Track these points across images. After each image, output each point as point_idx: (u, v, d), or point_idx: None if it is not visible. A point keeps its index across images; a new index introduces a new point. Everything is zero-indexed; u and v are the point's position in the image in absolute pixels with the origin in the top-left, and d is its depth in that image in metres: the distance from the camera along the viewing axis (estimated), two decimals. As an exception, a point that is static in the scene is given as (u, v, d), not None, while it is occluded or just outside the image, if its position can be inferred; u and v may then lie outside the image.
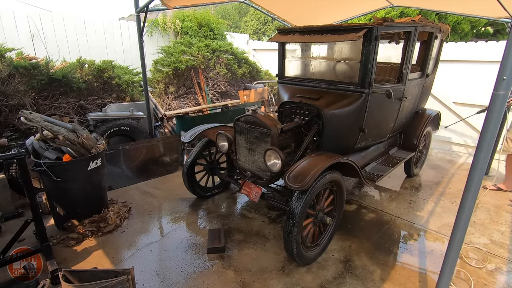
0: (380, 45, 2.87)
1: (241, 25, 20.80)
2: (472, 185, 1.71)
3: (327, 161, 2.49)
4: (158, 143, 4.59)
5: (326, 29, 3.01)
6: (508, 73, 1.50)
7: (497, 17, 4.39)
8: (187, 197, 3.86)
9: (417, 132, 4.01)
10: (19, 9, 5.22)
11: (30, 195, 2.41)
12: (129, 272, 2.00)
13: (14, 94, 4.16)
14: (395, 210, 3.61)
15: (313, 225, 2.65)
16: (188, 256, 2.78)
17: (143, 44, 4.63)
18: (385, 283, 2.49)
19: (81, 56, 5.03)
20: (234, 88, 7.19)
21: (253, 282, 2.48)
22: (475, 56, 5.31)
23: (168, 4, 4.14)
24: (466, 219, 1.78)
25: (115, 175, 4.10)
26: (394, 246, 2.98)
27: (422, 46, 3.80)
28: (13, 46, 4.59)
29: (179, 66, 6.23)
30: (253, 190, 2.91)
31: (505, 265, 2.71)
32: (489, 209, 3.68)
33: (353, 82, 3.06)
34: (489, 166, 4.69)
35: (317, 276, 2.56)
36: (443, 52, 4.25)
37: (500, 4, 2.28)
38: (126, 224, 3.28)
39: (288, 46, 3.70)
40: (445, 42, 4.55)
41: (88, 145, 3.06)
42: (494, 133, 1.61)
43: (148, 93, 5.07)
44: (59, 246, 2.89)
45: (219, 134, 3.24)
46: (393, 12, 9.24)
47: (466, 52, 5.42)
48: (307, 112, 3.15)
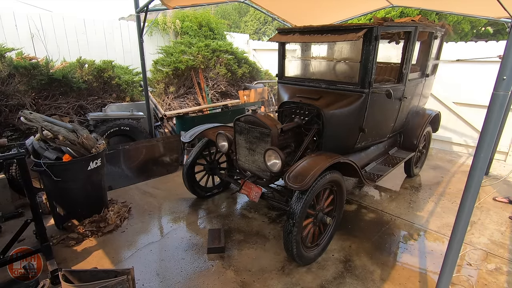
0: (380, 45, 2.87)
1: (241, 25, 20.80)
2: (472, 185, 1.70)
3: (327, 161, 2.49)
4: (158, 143, 4.59)
5: (326, 29, 3.01)
6: (508, 73, 1.50)
7: (497, 17, 4.38)
8: (187, 197, 3.86)
9: (417, 132, 4.01)
10: (19, 9, 5.22)
11: (30, 195, 2.41)
12: (129, 272, 2.00)
13: (14, 94, 4.16)
14: (395, 210, 3.61)
15: (313, 225, 2.65)
16: (188, 256, 2.78)
17: (143, 44, 4.63)
18: (385, 283, 2.49)
19: (81, 56, 5.03)
20: (234, 88, 7.18)
21: (253, 282, 2.48)
22: (475, 56, 5.31)
23: (168, 4, 4.14)
24: (466, 219, 1.78)
25: (115, 175, 4.10)
26: (394, 246, 2.98)
27: (422, 46, 3.80)
28: (13, 46, 4.59)
29: (179, 66, 6.23)
30: (253, 190, 2.91)
31: (505, 265, 2.71)
32: (489, 209, 3.68)
33: (353, 82, 3.06)
34: (489, 166, 4.69)
35: (317, 276, 2.56)
36: (443, 52, 4.26)
37: (500, 4, 2.29)
38: (126, 224, 3.28)
39: (288, 46, 3.70)
40: (445, 42, 4.55)
41: (88, 145, 3.06)
42: (494, 133, 1.61)
43: (148, 93, 5.07)
44: (59, 246, 2.89)
45: (219, 134, 3.24)
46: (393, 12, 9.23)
47: (466, 52, 5.42)
48: (307, 112, 3.15)
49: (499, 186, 4.24)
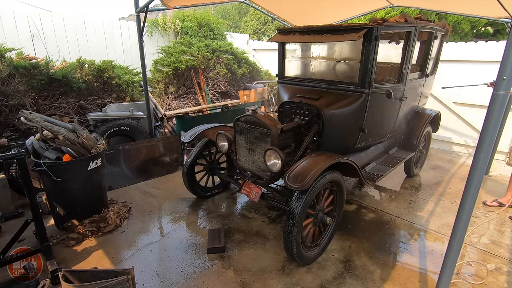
0: (380, 45, 2.87)
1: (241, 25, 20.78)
2: (472, 185, 1.71)
3: (327, 161, 2.49)
4: (158, 143, 4.59)
5: (326, 29, 3.01)
6: (508, 73, 1.50)
7: (497, 17, 4.39)
8: (187, 197, 3.86)
9: (417, 132, 4.01)
10: (19, 9, 5.23)
11: (30, 195, 2.41)
12: (129, 272, 2.00)
13: (14, 94, 4.16)
14: (395, 210, 3.61)
15: (313, 225, 2.65)
16: (188, 256, 2.78)
17: (143, 44, 4.63)
18: (385, 283, 2.49)
19: (81, 56, 5.03)
20: (234, 88, 7.19)
21: (253, 282, 2.48)
22: (475, 56, 5.31)
23: (168, 4, 4.14)
24: (466, 219, 1.78)
25: (115, 175, 4.10)
26: (394, 246, 2.98)
27: (422, 46, 3.80)
28: (13, 46, 4.59)
29: (179, 66, 6.23)
30: (253, 190, 2.91)
31: (505, 265, 2.71)
32: (489, 209, 3.68)
33: (353, 82, 3.05)
34: (489, 166, 4.69)
35: (317, 276, 2.56)
36: (443, 52, 4.25)
37: (500, 4, 2.29)
38: (126, 224, 3.28)
39: (288, 46, 3.70)
40: (445, 42, 4.55)
41: (88, 145, 3.06)
42: (494, 133, 1.61)
43: (148, 93, 5.07)
44: (59, 246, 2.89)
45: (219, 134, 3.24)
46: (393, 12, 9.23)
47: (466, 52, 5.42)
48: (307, 112, 3.15)
49: (486, 187, 4.24)
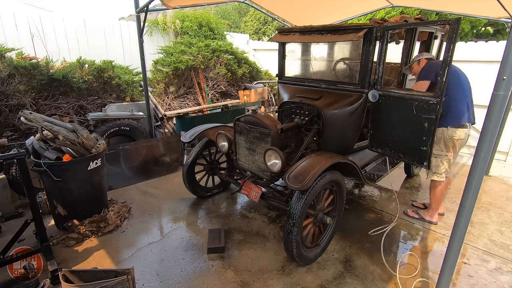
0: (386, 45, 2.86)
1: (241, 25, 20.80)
2: (472, 185, 1.71)
3: (327, 161, 2.49)
4: (158, 143, 4.60)
5: (326, 29, 3.01)
6: (508, 73, 1.50)
7: (497, 17, 4.39)
8: (187, 197, 3.86)
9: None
10: (19, 9, 5.22)
11: (30, 195, 2.41)
12: (129, 272, 2.00)
13: (14, 94, 4.16)
14: (395, 210, 3.61)
15: (313, 225, 2.65)
16: (188, 256, 2.78)
17: (143, 44, 4.63)
18: (385, 283, 2.49)
19: (81, 56, 5.03)
20: (234, 88, 7.19)
21: (253, 282, 2.48)
22: (475, 56, 5.31)
23: (168, 4, 4.14)
24: (466, 219, 1.78)
25: (115, 175, 4.10)
26: (394, 246, 2.98)
27: (422, 46, 3.80)
28: (13, 46, 4.59)
29: (179, 66, 6.23)
30: (253, 190, 2.91)
31: (505, 265, 2.71)
32: (489, 209, 3.68)
33: (353, 82, 3.06)
34: (489, 166, 4.69)
35: (317, 276, 2.56)
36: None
37: (500, 4, 2.29)
38: (126, 224, 3.28)
39: (288, 46, 3.70)
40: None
41: (88, 145, 3.06)
42: (494, 133, 1.61)
43: (148, 93, 5.08)
44: (59, 246, 2.89)
45: (219, 134, 3.24)
46: (393, 12, 9.24)
47: (466, 52, 5.42)
48: (307, 112, 3.15)
49: (486, 187, 4.23)
